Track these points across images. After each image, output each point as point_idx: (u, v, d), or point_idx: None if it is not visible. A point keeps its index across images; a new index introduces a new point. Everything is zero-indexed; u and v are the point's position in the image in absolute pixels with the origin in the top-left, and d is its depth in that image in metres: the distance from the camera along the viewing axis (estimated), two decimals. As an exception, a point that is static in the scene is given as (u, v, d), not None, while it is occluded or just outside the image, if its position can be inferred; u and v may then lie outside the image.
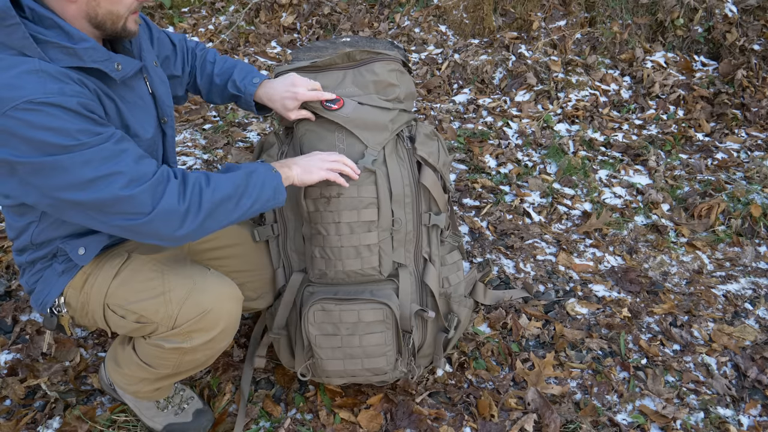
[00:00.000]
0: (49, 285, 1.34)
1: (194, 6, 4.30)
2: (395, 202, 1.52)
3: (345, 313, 1.48)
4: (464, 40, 3.71)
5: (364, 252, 1.51)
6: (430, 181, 1.56)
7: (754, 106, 3.07)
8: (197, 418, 1.58)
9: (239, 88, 1.56)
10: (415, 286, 1.57)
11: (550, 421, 1.60)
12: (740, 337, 1.93)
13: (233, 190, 1.24)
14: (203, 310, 1.28)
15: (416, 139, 1.57)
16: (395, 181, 1.51)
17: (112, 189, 1.10)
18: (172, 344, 1.31)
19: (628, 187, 2.67)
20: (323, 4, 4.05)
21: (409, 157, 1.56)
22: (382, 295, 1.50)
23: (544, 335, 1.92)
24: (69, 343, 1.83)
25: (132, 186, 1.12)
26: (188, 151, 2.87)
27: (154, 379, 1.42)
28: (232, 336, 1.37)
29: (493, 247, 2.31)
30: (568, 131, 3.03)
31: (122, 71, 1.21)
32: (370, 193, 1.49)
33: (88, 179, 1.09)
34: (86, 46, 1.12)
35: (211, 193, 1.20)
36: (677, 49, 3.44)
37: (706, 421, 1.66)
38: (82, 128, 1.08)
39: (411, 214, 1.56)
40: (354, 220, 1.49)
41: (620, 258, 2.30)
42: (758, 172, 2.68)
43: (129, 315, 1.30)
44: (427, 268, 1.60)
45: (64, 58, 1.11)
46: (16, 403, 1.67)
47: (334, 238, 1.50)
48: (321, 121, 1.53)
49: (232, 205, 1.24)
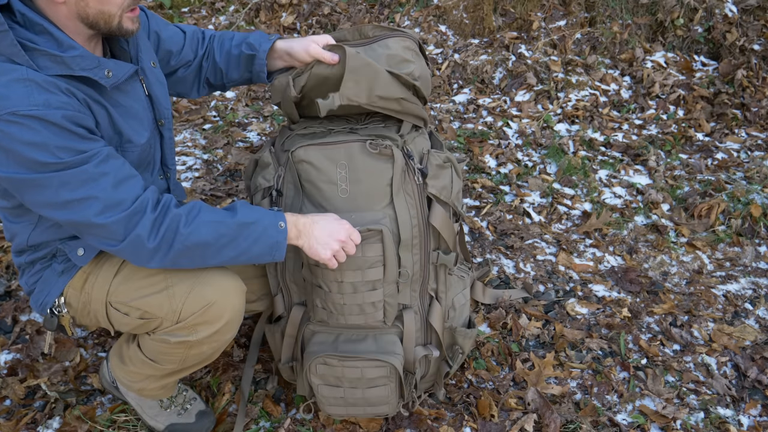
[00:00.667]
0: (48, 285, 1.33)
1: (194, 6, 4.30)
2: (403, 247, 1.41)
3: (348, 369, 1.45)
4: (464, 40, 3.71)
5: (369, 308, 1.43)
6: (439, 221, 1.44)
7: (754, 106, 3.07)
8: (200, 420, 1.58)
9: (253, 46, 1.48)
10: (420, 323, 1.52)
11: (550, 421, 1.60)
12: (740, 337, 1.93)
13: (214, 238, 1.18)
14: (207, 302, 1.27)
15: (428, 173, 1.41)
16: (403, 224, 1.40)
17: (86, 214, 1.10)
18: (178, 338, 1.30)
19: (628, 187, 2.67)
20: (323, 4, 4.05)
21: (419, 192, 1.41)
22: (385, 346, 1.46)
23: (544, 335, 1.92)
24: (69, 343, 1.83)
25: (106, 214, 1.11)
26: (188, 151, 2.87)
27: (159, 375, 1.42)
28: (236, 328, 1.37)
29: (493, 247, 2.31)
30: (568, 131, 3.03)
31: (113, 78, 1.18)
32: (375, 252, 1.38)
33: (64, 201, 1.09)
34: (74, 54, 1.10)
35: (186, 236, 1.16)
36: (677, 49, 3.44)
37: (706, 421, 1.66)
38: (63, 145, 1.06)
39: (419, 254, 1.45)
40: (358, 279, 1.39)
41: (620, 258, 2.30)
42: (758, 172, 2.68)
43: (133, 311, 1.30)
44: (432, 306, 1.53)
45: (52, 66, 1.09)
46: (16, 403, 1.67)
47: (336, 295, 1.42)
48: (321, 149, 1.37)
49: (211, 253, 1.19)
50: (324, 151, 1.36)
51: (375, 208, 1.39)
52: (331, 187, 1.38)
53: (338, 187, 1.38)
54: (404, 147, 1.39)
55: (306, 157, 1.37)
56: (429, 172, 1.41)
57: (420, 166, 1.40)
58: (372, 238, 1.36)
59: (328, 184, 1.38)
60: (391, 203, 1.39)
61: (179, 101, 3.32)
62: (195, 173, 2.71)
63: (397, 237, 1.40)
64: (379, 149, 1.34)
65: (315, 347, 1.49)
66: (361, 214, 1.38)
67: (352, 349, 1.47)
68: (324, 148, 1.36)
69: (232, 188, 2.63)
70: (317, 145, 1.36)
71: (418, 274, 1.46)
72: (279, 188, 1.41)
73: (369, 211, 1.39)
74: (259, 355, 1.81)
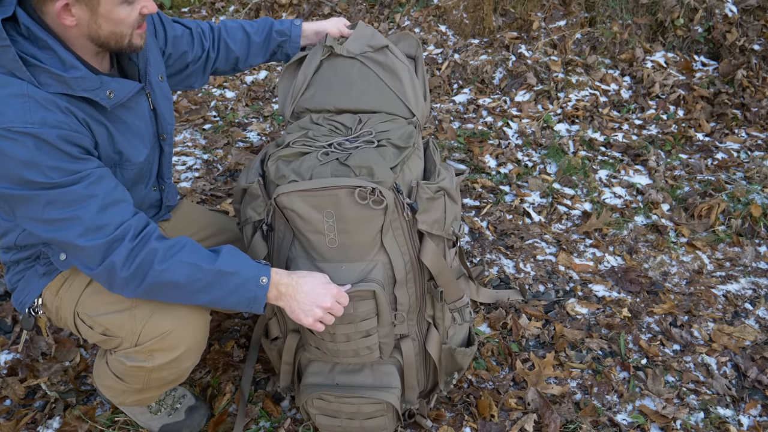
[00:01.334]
0: (29, 285, 1.34)
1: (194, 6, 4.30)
2: (397, 286, 1.35)
3: (344, 405, 1.44)
4: (464, 40, 3.70)
5: (364, 351, 1.39)
6: (429, 258, 1.35)
7: (754, 106, 3.07)
8: (190, 416, 1.58)
9: (283, 32, 1.62)
10: (419, 350, 1.49)
11: (550, 421, 1.60)
12: (740, 337, 1.93)
13: (187, 281, 1.14)
14: (165, 330, 1.25)
15: (418, 207, 1.30)
16: (397, 266, 1.32)
17: (68, 234, 1.09)
18: (134, 362, 1.28)
19: (628, 187, 2.67)
20: (323, 4, 4.05)
21: (408, 229, 1.32)
22: (382, 379, 1.43)
23: (544, 335, 1.92)
24: (69, 343, 1.84)
25: (87, 237, 1.10)
26: (188, 151, 2.87)
27: (132, 391, 1.40)
28: (197, 356, 1.35)
29: (493, 247, 2.31)
30: (568, 131, 3.03)
31: (114, 99, 1.17)
32: (368, 308, 1.32)
33: (49, 219, 1.09)
34: (76, 75, 1.09)
35: (159, 273, 1.13)
36: (677, 49, 3.44)
37: (706, 421, 1.66)
38: (55, 165, 1.06)
39: (413, 288, 1.39)
40: (351, 331, 1.34)
41: (620, 258, 2.30)
42: (758, 172, 2.68)
43: (96, 326, 1.29)
44: (429, 332, 1.48)
45: (53, 84, 1.08)
46: (16, 403, 1.67)
47: (329, 343, 1.38)
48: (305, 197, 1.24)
49: (183, 294, 1.17)
50: (308, 199, 1.24)
51: (366, 257, 1.30)
52: (318, 236, 1.28)
53: (326, 237, 1.28)
54: (394, 183, 1.28)
55: (290, 205, 1.25)
56: (419, 207, 1.31)
57: (409, 201, 1.29)
58: (364, 295, 1.29)
59: (315, 234, 1.28)
60: (382, 247, 1.30)
61: (179, 101, 3.32)
62: (195, 173, 2.71)
63: (392, 279, 1.34)
64: (368, 200, 1.22)
65: (311, 378, 1.46)
66: (351, 264, 1.30)
67: (348, 381, 1.44)
68: (308, 196, 1.24)
69: (232, 188, 2.63)
70: (300, 192, 1.24)
71: (414, 305, 1.41)
72: (270, 223, 1.33)
73: (360, 261, 1.30)
74: (259, 355, 1.81)
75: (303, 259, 1.33)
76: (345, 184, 1.22)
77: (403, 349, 1.44)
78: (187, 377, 1.43)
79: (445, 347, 1.54)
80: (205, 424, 1.61)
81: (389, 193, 1.24)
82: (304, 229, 1.28)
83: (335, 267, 1.30)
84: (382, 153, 1.30)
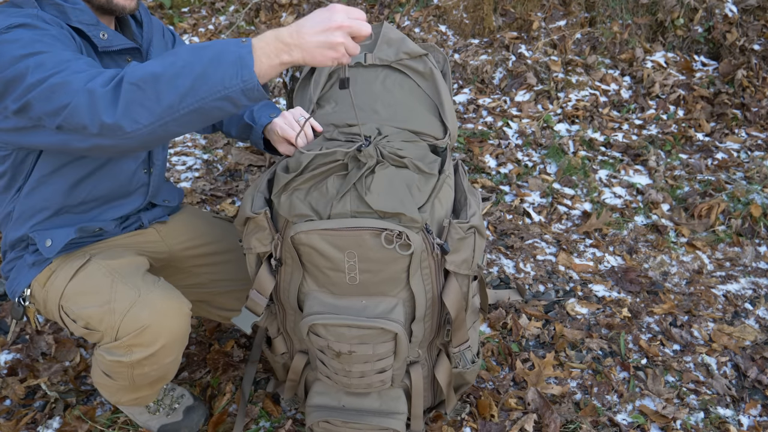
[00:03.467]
0: (20, 275, 1.36)
1: (194, 6, 4.30)
2: (415, 322, 1.30)
3: (351, 431, 1.41)
4: (464, 40, 3.70)
5: (377, 384, 1.35)
6: (451, 299, 1.27)
7: (754, 106, 3.07)
8: (188, 416, 1.57)
9: (254, 117, 1.45)
10: (427, 373, 1.46)
11: (550, 421, 1.60)
12: (740, 337, 1.93)
13: (163, 67, 1.00)
14: (141, 325, 1.24)
15: (449, 249, 1.21)
16: (419, 304, 1.26)
17: (53, 73, 1.04)
18: (113, 357, 1.28)
19: (628, 187, 2.67)
20: (323, 4, 4.05)
21: (436, 268, 1.25)
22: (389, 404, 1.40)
23: (544, 335, 1.92)
24: (69, 343, 1.84)
25: (72, 74, 1.04)
26: (188, 151, 2.88)
27: (124, 389, 1.39)
28: (178, 351, 1.34)
29: (493, 247, 2.31)
30: (568, 131, 3.03)
31: (107, 41, 1.23)
32: (387, 348, 1.27)
33: (37, 80, 1.04)
34: (75, 6, 1.19)
35: (135, 69, 1.01)
36: (677, 49, 3.44)
37: (706, 421, 1.66)
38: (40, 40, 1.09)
39: (430, 322, 1.33)
40: (367, 369, 1.30)
41: (620, 258, 2.30)
42: (758, 172, 2.68)
43: (79, 320, 1.29)
44: (440, 359, 1.43)
45: (57, 15, 1.18)
46: (16, 403, 1.67)
47: (343, 378, 1.33)
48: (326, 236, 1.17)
49: (164, 86, 0.98)
50: (329, 238, 1.16)
51: (389, 293, 1.24)
52: (338, 274, 1.21)
53: (347, 275, 1.21)
54: (425, 224, 1.19)
55: (309, 242, 1.18)
56: (450, 248, 1.22)
57: (440, 241, 1.20)
58: (384, 336, 1.25)
59: (335, 272, 1.21)
60: (407, 285, 1.24)
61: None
62: (195, 173, 2.72)
63: (412, 316, 1.28)
64: (395, 245, 1.15)
65: (317, 399, 1.43)
66: (373, 299, 1.24)
67: (355, 404, 1.40)
68: (329, 235, 1.16)
69: (232, 188, 2.63)
70: (321, 231, 1.17)
71: (428, 335, 1.37)
72: (279, 257, 1.25)
73: (382, 296, 1.24)
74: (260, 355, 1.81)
75: (317, 293, 1.27)
76: (371, 225, 1.14)
77: (413, 376, 1.40)
78: (174, 373, 1.42)
79: (455, 371, 1.48)
80: (203, 425, 1.61)
81: (417, 237, 1.16)
82: (322, 265, 1.21)
83: (355, 302, 1.25)
84: (408, 182, 1.20)
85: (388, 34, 1.39)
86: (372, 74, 1.34)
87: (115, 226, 1.42)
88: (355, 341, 1.25)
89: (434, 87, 1.38)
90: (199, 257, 1.57)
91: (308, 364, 1.47)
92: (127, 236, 1.47)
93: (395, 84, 1.34)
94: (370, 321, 1.22)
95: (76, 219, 1.35)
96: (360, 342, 1.26)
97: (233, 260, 1.58)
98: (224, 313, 1.63)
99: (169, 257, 1.53)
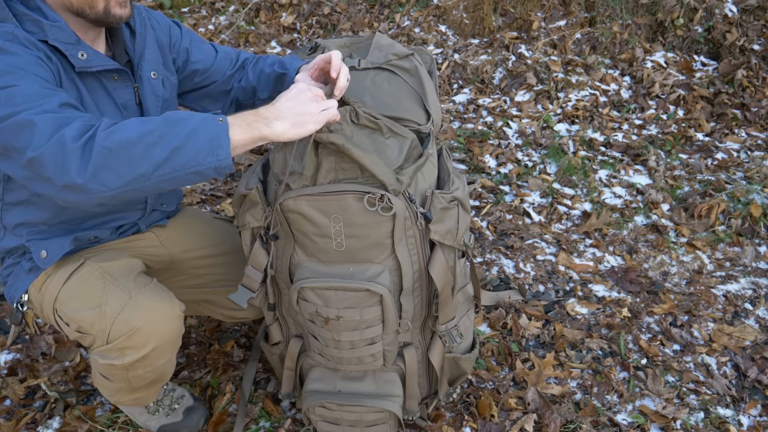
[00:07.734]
0: (17, 281, 1.36)
1: (194, 6, 4.30)
2: (404, 294, 1.33)
3: (347, 413, 1.43)
4: (464, 40, 3.71)
5: (368, 359, 1.39)
6: (437, 270, 1.32)
7: (754, 106, 3.07)
8: (187, 416, 1.57)
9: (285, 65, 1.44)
10: (421, 357, 1.48)
11: (550, 421, 1.60)
12: (740, 337, 1.93)
13: (138, 135, 0.99)
14: (132, 327, 1.23)
15: (432, 217, 1.27)
16: (406, 273, 1.31)
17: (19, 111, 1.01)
18: (106, 360, 1.28)
19: (628, 187, 2.67)
20: (323, 4, 4.05)
21: (422, 238, 1.29)
22: (385, 387, 1.43)
23: (544, 335, 1.92)
24: (69, 343, 1.84)
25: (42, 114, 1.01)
26: (188, 151, 2.87)
27: (122, 390, 1.39)
28: (171, 353, 1.34)
29: (493, 247, 2.31)
30: (568, 131, 3.03)
31: (85, 62, 1.18)
32: (374, 314, 1.30)
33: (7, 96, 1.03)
34: (54, 24, 1.14)
35: (109, 134, 0.99)
36: (677, 49, 3.44)
37: (706, 421, 1.66)
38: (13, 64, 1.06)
39: (419, 297, 1.37)
40: (356, 338, 1.33)
41: (620, 258, 2.30)
42: (758, 172, 2.68)
43: (71, 323, 1.28)
44: (433, 341, 1.47)
45: (36, 31, 1.13)
46: (16, 403, 1.67)
47: (333, 350, 1.37)
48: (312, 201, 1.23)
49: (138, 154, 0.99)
50: (315, 203, 1.22)
51: (375, 260, 1.28)
52: (325, 240, 1.26)
53: (333, 241, 1.26)
54: (406, 192, 1.25)
55: (297, 209, 1.24)
56: (433, 216, 1.27)
57: (423, 210, 1.27)
58: (370, 300, 1.29)
59: (322, 238, 1.26)
60: (392, 253, 1.28)
61: (179, 101, 3.32)
62: (195, 173, 2.71)
63: (399, 286, 1.32)
64: (377, 207, 1.20)
65: (313, 384, 1.46)
66: (360, 266, 1.29)
67: (350, 388, 1.43)
68: (315, 200, 1.22)
69: (232, 188, 2.63)
70: (307, 197, 1.22)
71: (418, 314, 1.40)
72: (275, 233, 1.31)
73: (368, 263, 1.29)
74: (260, 355, 1.81)
75: (307, 263, 1.32)
76: (354, 189, 1.20)
77: (406, 357, 1.44)
78: (171, 374, 1.42)
79: (449, 356, 1.52)
80: (203, 425, 1.61)
81: (398, 201, 1.21)
82: (310, 232, 1.26)
83: (343, 268, 1.29)
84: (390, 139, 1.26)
85: (380, 41, 1.47)
86: (363, 74, 1.41)
87: (111, 233, 1.42)
88: (342, 305, 1.29)
89: (419, 81, 1.44)
90: (200, 259, 1.56)
91: (303, 352, 1.49)
92: (124, 241, 1.46)
93: (384, 80, 1.40)
94: (356, 283, 1.26)
95: (71, 229, 1.34)
96: (347, 306, 1.29)
97: (235, 262, 1.58)
98: (228, 312, 1.63)
99: (170, 260, 1.53)
